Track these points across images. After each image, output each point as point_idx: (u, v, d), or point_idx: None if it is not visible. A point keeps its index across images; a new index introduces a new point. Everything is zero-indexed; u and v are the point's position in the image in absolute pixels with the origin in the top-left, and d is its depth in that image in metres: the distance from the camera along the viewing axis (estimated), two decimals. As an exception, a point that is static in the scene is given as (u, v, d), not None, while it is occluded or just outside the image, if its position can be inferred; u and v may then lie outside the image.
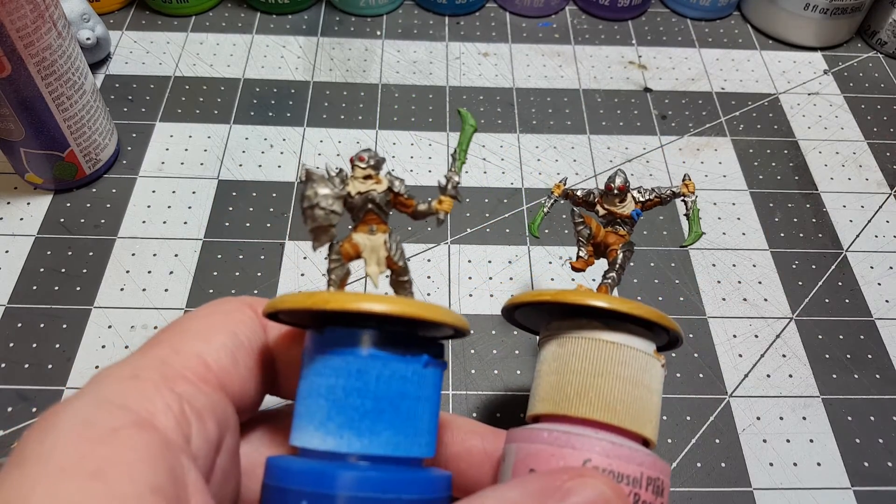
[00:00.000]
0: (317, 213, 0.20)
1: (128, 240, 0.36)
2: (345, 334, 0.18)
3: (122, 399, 0.15)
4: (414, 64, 0.46)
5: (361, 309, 0.17)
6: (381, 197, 0.21)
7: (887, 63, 0.48)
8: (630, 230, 0.26)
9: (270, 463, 0.17)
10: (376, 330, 0.18)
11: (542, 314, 0.23)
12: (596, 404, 0.20)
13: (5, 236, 0.35)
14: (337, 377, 0.18)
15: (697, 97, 0.45)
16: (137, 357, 0.17)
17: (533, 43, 0.48)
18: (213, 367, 0.17)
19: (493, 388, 0.31)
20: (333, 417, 0.17)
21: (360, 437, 0.17)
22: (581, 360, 0.21)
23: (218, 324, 0.18)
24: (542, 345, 0.22)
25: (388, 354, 0.18)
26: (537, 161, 0.40)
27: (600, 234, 0.25)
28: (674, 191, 0.26)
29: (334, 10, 0.49)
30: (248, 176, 0.39)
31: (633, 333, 0.21)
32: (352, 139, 0.41)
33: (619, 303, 0.20)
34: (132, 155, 0.39)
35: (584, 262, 0.25)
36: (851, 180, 0.41)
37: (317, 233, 0.20)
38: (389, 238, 0.21)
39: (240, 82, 0.44)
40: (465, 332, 0.19)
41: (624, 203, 0.26)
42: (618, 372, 0.20)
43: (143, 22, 0.47)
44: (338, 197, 0.20)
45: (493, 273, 0.35)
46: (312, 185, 0.20)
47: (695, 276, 0.36)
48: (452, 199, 0.22)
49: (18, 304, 0.33)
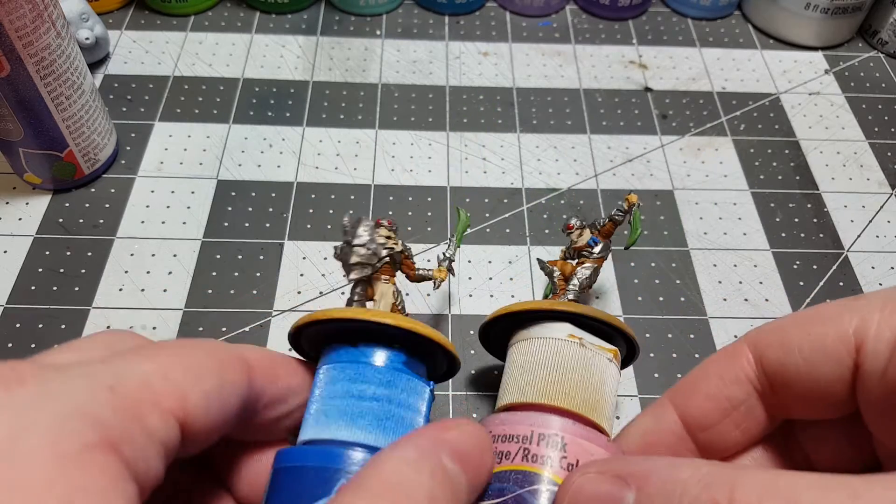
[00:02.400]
0: (363, 252, 0.24)
1: (126, 240, 0.36)
2: (384, 351, 0.23)
3: (92, 409, 0.15)
4: (414, 63, 0.46)
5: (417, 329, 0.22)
6: (397, 255, 0.26)
7: (888, 63, 0.48)
8: (597, 256, 0.29)
9: (296, 451, 0.21)
10: (404, 351, 0.23)
11: (505, 333, 0.27)
12: (528, 390, 0.24)
13: (4, 236, 0.35)
14: (367, 384, 0.22)
15: (698, 97, 0.45)
16: (125, 362, 0.16)
17: (533, 42, 0.48)
18: (189, 413, 0.17)
19: (493, 389, 0.31)
20: (356, 417, 0.21)
21: (373, 433, 0.21)
22: (516, 358, 0.25)
23: (213, 367, 0.18)
24: (508, 351, 0.26)
25: (411, 372, 0.23)
26: (537, 161, 0.40)
27: (567, 269, 0.29)
28: (620, 210, 0.30)
29: (334, 10, 0.49)
30: (247, 176, 0.39)
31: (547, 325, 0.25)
32: (351, 139, 0.41)
33: (519, 305, 0.25)
34: (131, 155, 0.39)
35: (556, 295, 0.29)
36: (853, 180, 0.41)
37: (356, 267, 0.24)
38: (396, 289, 0.26)
39: (239, 82, 0.44)
40: (455, 369, 0.25)
41: (581, 237, 0.30)
42: (534, 360, 0.24)
43: (142, 21, 0.47)
44: (380, 244, 0.25)
45: (493, 273, 0.35)
46: (365, 226, 0.25)
47: (696, 277, 0.36)
48: (447, 271, 0.27)
49: (17, 304, 0.33)
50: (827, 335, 0.20)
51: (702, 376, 0.22)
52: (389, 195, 0.38)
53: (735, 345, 0.22)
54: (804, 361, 0.20)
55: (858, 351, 0.19)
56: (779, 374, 0.21)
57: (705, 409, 0.22)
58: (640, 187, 0.39)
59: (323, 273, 0.35)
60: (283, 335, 0.32)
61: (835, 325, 0.20)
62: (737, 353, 0.22)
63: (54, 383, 0.15)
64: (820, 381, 0.20)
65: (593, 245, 0.29)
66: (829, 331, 0.20)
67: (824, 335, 0.20)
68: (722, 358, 0.22)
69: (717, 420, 0.22)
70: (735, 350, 0.22)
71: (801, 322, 0.21)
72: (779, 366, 0.21)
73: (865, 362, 0.19)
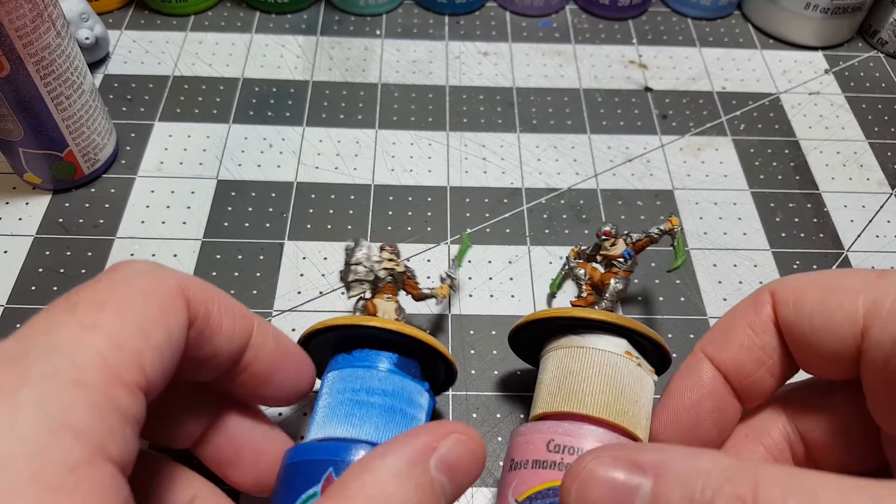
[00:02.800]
0: (360, 269, 0.26)
1: (126, 240, 0.36)
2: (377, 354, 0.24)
3: (71, 418, 0.14)
4: (413, 63, 0.46)
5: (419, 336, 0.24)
6: (398, 275, 0.28)
7: (888, 62, 0.48)
8: (625, 268, 0.29)
9: (303, 447, 0.22)
10: (396, 353, 0.25)
11: (537, 338, 0.27)
12: (571, 400, 0.24)
13: (4, 236, 0.35)
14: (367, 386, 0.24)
15: (698, 96, 0.45)
16: (74, 337, 0.16)
17: (533, 42, 0.48)
18: (149, 377, 0.17)
19: (493, 389, 0.31)
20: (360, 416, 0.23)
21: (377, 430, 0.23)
22: (557, 366, 0.25)
23: (157, 316, 0.18)
24: (541, 360, 0.27)
25: (406, 373, 0.24)
26: (537, 161, 0.40)
27: (596, 275, 0.30)
28: (661, 229, 0.30)
29: (334, 10, 0.49)
30: (247, 176, 0.39)
31: (603, 337, 0.25)
32: (351, 139, 0.41)
33: (579, 312, 0.25)
34: (131, 155, 0.39)
35: (583, 300, 0.29)
36: (852, 180, 0.41)
37: (354, 284, 0.26)
38: (399, 307, 0.27)
39: (239, 82, 0.44)
40: (453, 378, 0.27)
41: (615, 246, 0.30)
42: (590, 371, 0.24)
43: (141, 21, 0.47)
44: (377, 263, 0.27)
45: (493, 273, 0.35)
46: (363, 248, 0.27)
47: (696, 277, 0.36)
48: (449, 289, 0.29)
49: (17, 304, 0.33)
50: (838, 311, 0.20)
51: (732, 326, 0.23)
52: (389, 195, 0.38)
53: (759, 293, 0.22)
54: (812, 330, 0.21)
55: (864, 336, 0.19)
56: (790, 331, 0.21)
57: (742, 360, 0.22)
58: (640, 187, 0.39)
59: (323, 273, 0.35)
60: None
61: (848, 303, 0.20)
62: (761, 301, 0.22)
63: (22, 393, 0.14)
64: (826, 350, 0.20)
65: (628, 258, 0.29)
66: (842, 306, 0.20)
67: (835, 310, 0.20)
68: (749, 307, 0.22)
69: (754, 370, 0.22)
70: (759, 298, 0.22)
71: (820, 287, 0.21)
72: (790, 324, 0.21)
73: (869, 349, 0.19)
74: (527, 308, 0.34)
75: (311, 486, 0.21)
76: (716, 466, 0.16)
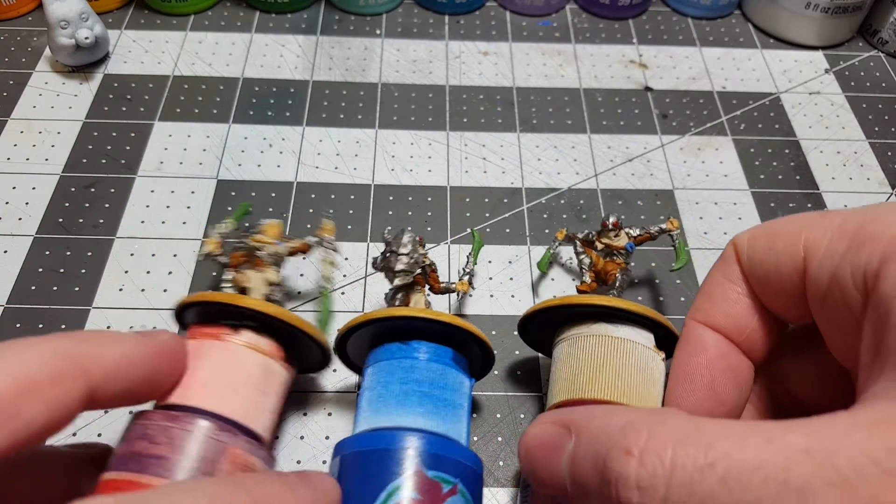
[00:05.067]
0: (406, 260, 0.27)
1: (126, 240, 0.36)
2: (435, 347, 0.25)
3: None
4: (413, 63, 0.46)
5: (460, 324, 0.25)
6: (426, 268, 0.28)
7: (888, 62, 0.48)
8: (626, 260, 0.30)
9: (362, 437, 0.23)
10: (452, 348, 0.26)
11: (551, 325, 0.27)
12: (605, 387, 0.24)
13: (4, 236, 0.35)
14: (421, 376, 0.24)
15: (698, 96, 0.45)
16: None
17: (533, 42, 0.48)
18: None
19: (493, 389, 0.31)
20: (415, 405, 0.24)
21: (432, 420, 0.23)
22: (590, 353, 0.25)
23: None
24: (555, 348, 0.27)
25: (458, 367, 0.25)
26: (538, 160, 0.40)
27: (600, 263, 0.30)
28: (661, 227, 0.31)
29: (334, 9, 0.49)
30: (247, 176, 0.39)
31: (635, 329, 0.25)
32: (351, 138, 0.41)
33: (620, 302, 0.25)
34: (131, 154, 0.39)
35: (587, 286, 0.30)
36: (853, 180, 0.41)
37: (400, 274, 0.27)
38: (427, 299, 0.28)
39: (239, 81, 0.44)
40: (491, 362, 0.27)
41: (618, 237, 0.30)
42: (623, 361, 0.24)
43: (141, 21, 0.47)
44: (421, 255, 0.28)
45: (494, 273, 0.35)
46: (409, 239, 0.27)
47: (696, 277, 0.36)
48: (468, 285, 0.30)
49: (17, 304, 0.33)
50: (782, 254, 0.20)
51: (712, 286, 0.23)
52: (389, 195, 0.38)
53: (726, 248, 0.23)
54: (765, 275, 0.21)
55: (805, 276, 0.20)
56: (750, 279, 0.22)
57: (733, 314, 0.22)
58: (641, 187, 0.39)
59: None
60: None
61: (790, 245, 0.20)
62: (728, 255, 0.23)
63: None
64: (780, 293, 0.21)
65: (630, 250, 0.30)
66: (786, 249, 0.20)
67: (780, 253, 0.20)
68: (720, 263, 0.23)
69: (749, 320, 0.22)
70: (726, 253, 0.23)
71: (768, 233, 0.21)
72: (748, 272, 0.22)
73: (810, 289, 0.20)
74: (527, 308, 0.34)
75: (396, 478, 0.21)
76: (620, 422, 0.16)
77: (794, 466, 0.14)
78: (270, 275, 0.28)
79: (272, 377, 0.25)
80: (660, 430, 0.15)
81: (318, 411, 0.30)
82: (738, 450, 0.14)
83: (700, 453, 0.14)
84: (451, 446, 0.23)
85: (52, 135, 0.40)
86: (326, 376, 0.31)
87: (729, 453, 0.14)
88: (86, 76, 0.43)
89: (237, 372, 0.24)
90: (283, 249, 0.29)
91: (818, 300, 0.19)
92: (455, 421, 0.24)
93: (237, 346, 0.24)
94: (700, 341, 0.23)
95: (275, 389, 0.25)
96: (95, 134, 0.40)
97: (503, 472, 0.29)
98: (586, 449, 0.17)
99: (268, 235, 0.29)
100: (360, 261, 0.35)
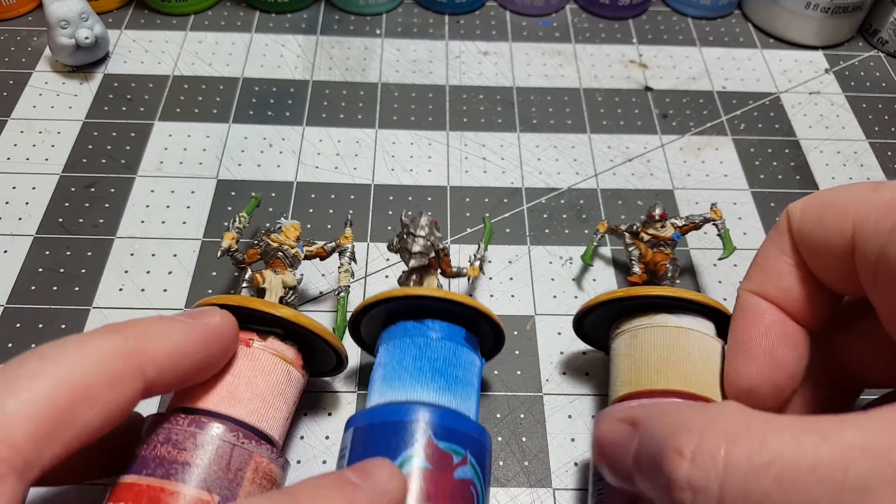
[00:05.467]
0: (424, 243, 0.28)
1: (126, 240, 0.36)
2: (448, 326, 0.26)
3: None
4: (413, 63, 0.46)
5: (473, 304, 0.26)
6: (440, 251, 0.29)
7: (888, 62, 0.48)
8: (672, 250, 0.31)
9: (376, 410, 0.23)
10: (448, 323, 0.26)
11: (607, 319, 0.28)
12: (671, 378, 0.24)
13: (4, 236, 0.35)
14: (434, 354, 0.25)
15: (698, 96, 0.45)
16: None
17: (533, 42, 0.48)
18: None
19: (493, 389, 0.31)
20: (428, 381, 0.24)
21: (445, 396, 0.24)
22: (654, 345, 0.25)
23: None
24: (613, 342, 0.27)
25: (470, 346, 0.26)
26: (538, 160, 0.40)
27: (648, 254, 0.31)
28: (705, 217, 0.32)
29: (334, 9, 0.49)
30: (247, 175, 0.39)
31: (697, 319, 0.26)
32: (351, 138, 0.41)
33: (681, 292, 0.25)
34: (131, 154, 0.39)
35: (638, 276, 0.31)
36: (853, 180, 0.41)
37: (416, 256, 0.27)
38: (439, 282, 0.29)
39: (239, 81, 0.44)
40: (501, 343, 0.28)
41: (664, 228, 0.31)
42: (687, 351, 0.24)
43: (141, 21, 0.47)
44: (437, 238, 0.28)
45: (494, 273, 0.35)
46: (426, 221, 0.28)
47: (696, 277, 0.36)
48: (479, 270, 0.31)
49: (17, 304, 0.33)
50: (832, 227, 0.20)
51: (765, 257, 0.23)
52: (389, 195, 0.38)
53: (779, 219, 0.23)
54: (814, 247, 0.21)
55: (854, 251, 0.20)
56: (802, 250, 0.22)
57: (786, 284, 0.22)
58: (641, 187, 0.39)
59: (323, 273, 0.35)
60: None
61: (840, 219, 0.20)
62: (781, 225, 0.22)
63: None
64: (830, 266, 0.21)
65: (677, 240, 0.31)
66: (835, 223, 0.20)
67: (830, 226, 0.20)
68: (773, 234, 0.23)
69: (802, 290, 0.22)
70: (779, 223, 0.23)
71: (818, 205, 0.21)
72: (799, 244, 0.22)
73: (860, 264, 0.20)
74: (527, 308, 0.34)
75: (409, 447, 0.22)
76: (673, 420, 0.16)
77: (850, 465, 0.13)
78: (288, 278, 0.29)
79: (292, 385, 0.25)
80: (712, 429, 0.15)
81: (319, 411, 0.30)
82: (792, 448, 0.14)
83: (755, 452, 0.14)
84: (461, 420, 0.23)
85: (52, 135, 0.40)
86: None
87: (783, 451, 0.14)
88: (86, 76, 0.43)
89: (263, 380, 0.24)
90: (301, 253, 0.29)
91: (869, 276, 0.19)
92: (466, 397, 0.25)
93: (264, 353, 0.24)
94: (755, 310, 0.22)
95: (293, 397, 0.25)
96: (95, 134, 0.40)
97: (503, 472, 0.29)
98: (646, 449, 0.17)
99: (288, 237, 0.29)
100: (360, 261, 0.35)
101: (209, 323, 0.22)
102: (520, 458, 0.29)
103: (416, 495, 0.21)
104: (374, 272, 0.35)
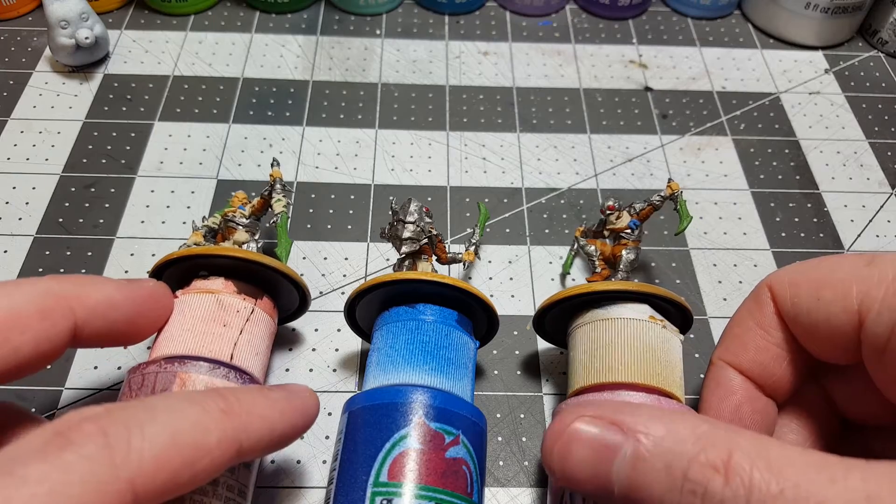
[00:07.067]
0: (413, 229, 0.28)
1: (126, 240, 0.36)
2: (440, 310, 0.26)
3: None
4: (413, 63, 0.46)
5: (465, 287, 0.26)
6: (433, 238, 0.29)
7: (888, 62, 0.48)
8: (636, 238, 0.31)
9: (370, 393, 0.24)
10: (441, 307, 0.26)
11: (563, 318, 0.28)
12: (617, 370, 0.24)
13: (4, 236, 0.35)
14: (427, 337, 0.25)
15: (698, 96, 0.45)
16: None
17: (533, 42, 0.48)
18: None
19: (493, 389, 0.31)
20: (422, 364, 0.25)
21: (438, 378, 0.25)
22: (592, 340, 0.26)
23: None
24: (568, 340, 0.27)
25: (462, 329, 0.26)
26: (537, 160, 0.40)
27: (607, 249, 0.31)
28: (661, 196, 0.31)
29: (334, 9, 0.49)
30: (247, 176, 0.39)
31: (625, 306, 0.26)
32: (351, 138, 0.41)
33: (596, 286, 0.26)
34: (131, 154, 0.39)
35: (598, 275, 0.31)
36: (853, 180, 0.41)
37: (407, 242, 0.28)
38: (433, 268, 0.29)
39: (239, 81, 0.44)
40: (495, 328, 0.28)
41: (619, 219, 0.31)
42: (623, 339, 0.25)
43: (141, 21, 0.47)
44: (427, 223, 0.29)
45: (493, 273, 0.35)
46: (415, 207, 0.28)
47: (695, 277, 0.36)
48: (474, 255, 0.31)
49: (17, 304, 0.33)
50: (833, 304, 0.20)
51: (743, 329, 0.23)
52: (389, 195, 0.38)
53: (759, 291, 0.23)
54: (812, 324, 0.21)
55: (861, 327, 0.20)
56: (793, 325, 0.22)
57: (762, 361, 0.23)
58: (641, 187, 0.39)
59: (323, 273, 0.35)
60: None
61: (842, 297, 0.20)
62: (762, 299, 0.23)
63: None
64: (828, 341, 0.21)
65: (634, 228, 0.31)
66: (837, 300, 0.20)
67: (830, 304, 0.20)
68: (753, 306, 0.23)
69: (777, 368, 0.23)
70: (760, 296, 0.23)
71: (813, 280, 0.21)
72: (791, 319, 0.22)
73: (867, 339, 0.20)
74: (527, 308, 0.34)
75: (402, 428, 0.23)
76: (693, 432, 0.16)
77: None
78: (239, 236, 0.30)
79: (229, 311, 0.26)
80: (740, 448, 0.15)
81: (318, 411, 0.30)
82: (805, 481, 0.14)
83: (773, 480, 0.15)
84: (453, 401, 0.24)
85: (52, 135, 0.40)
86: (325, 377, 0.31)
87: (798, 484, 0.14)
88: (86, 76, 0.43)
89: (190, 315, 0.25)
90: (246, 210, 0.31)
91: (875, 353, 0.20)
92: (459, 379, 0.25)
93: (188, 296, 0.26)
94: (727, 385, 0.23)
95: (238, 319, 0.26)
96: (95, 134, 0.40)
97: (503, 472, 0.29)
98: (655, 460, 0.16)
99: (233, 205, 0.31)
100: (361, 261, 0.35)
101: (142, 285, 0.24)
102: (520, 458, 0.29)
103: (409, 474, 0.22)
104: (374, 272, 0.35)
